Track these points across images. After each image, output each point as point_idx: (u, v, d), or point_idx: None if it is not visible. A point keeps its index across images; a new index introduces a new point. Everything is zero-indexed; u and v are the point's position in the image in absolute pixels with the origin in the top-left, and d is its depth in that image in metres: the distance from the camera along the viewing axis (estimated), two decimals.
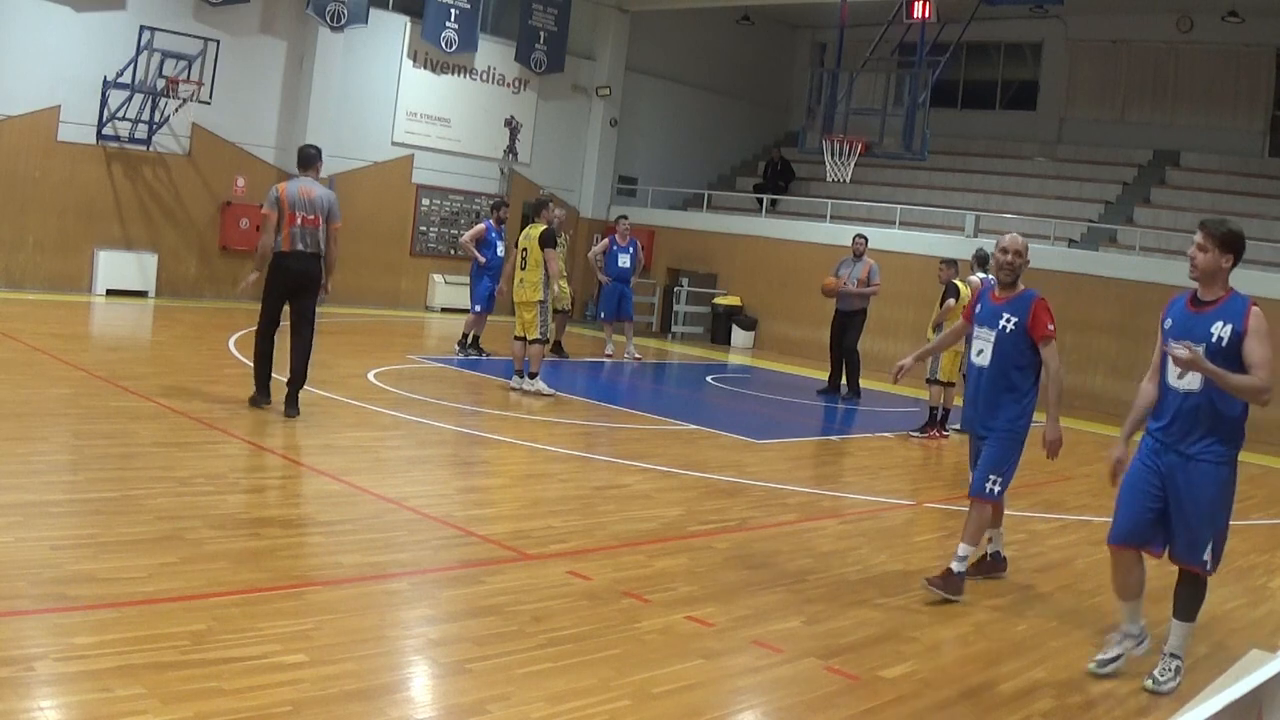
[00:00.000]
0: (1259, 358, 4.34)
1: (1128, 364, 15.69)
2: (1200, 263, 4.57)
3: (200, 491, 6.08)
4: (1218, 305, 4.53)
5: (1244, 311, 4.44)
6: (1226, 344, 4.41)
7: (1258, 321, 4.41)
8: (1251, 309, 4.44)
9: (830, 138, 16.61)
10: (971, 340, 5.85)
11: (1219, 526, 4.55)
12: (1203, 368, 4.33)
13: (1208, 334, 4.44)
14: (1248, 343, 4.37)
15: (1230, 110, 19.05)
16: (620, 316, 15.44)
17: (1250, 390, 4.35)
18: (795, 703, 4.14)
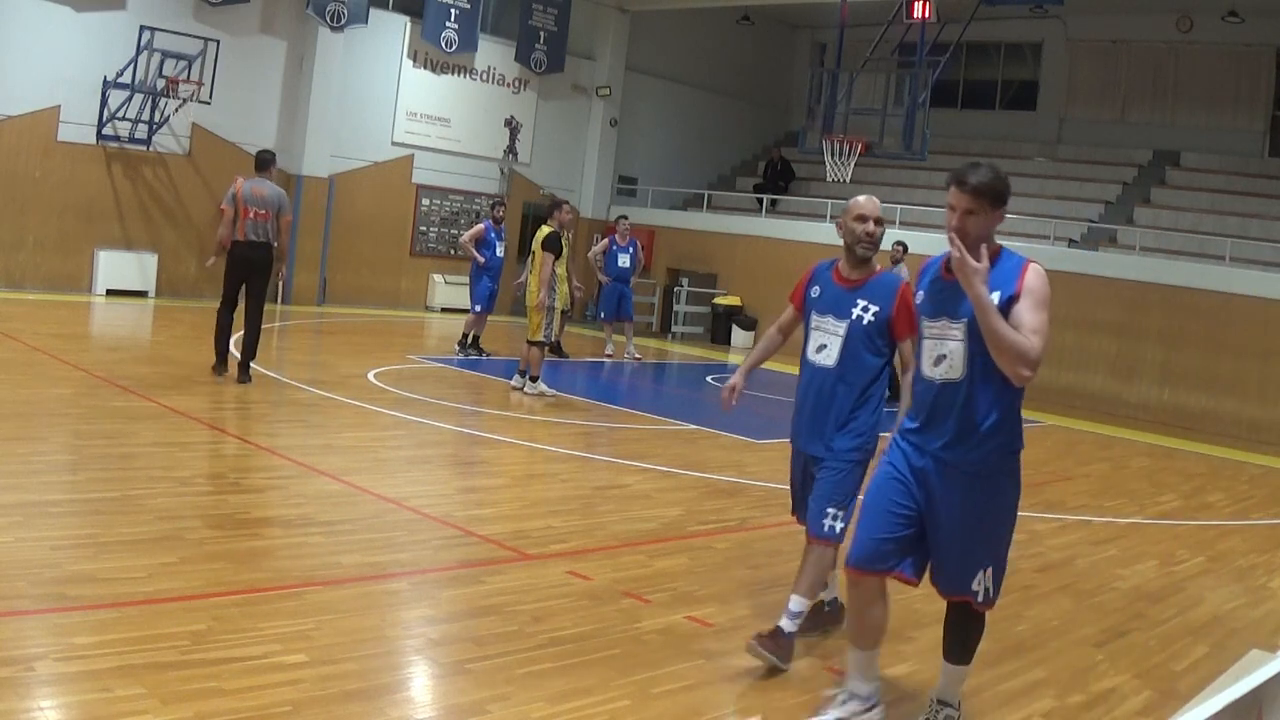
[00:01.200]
0: (1033, 324, 3.42)
1: (1128, 364, 15.70)
2: (972, 228, 3.52)
3: (200, 491, 6.09)
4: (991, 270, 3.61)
5: (1018, 272, 3.51)
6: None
7: (1036, 280, 3.49)
8: (1029, 267, 3.53)
9: (830, 138, 16.61)
10: (809, 333, 4.62)
11: (996, 548, 3.62)
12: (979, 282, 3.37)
13: (969, 307, 3.47)
14: (1020, 306, 3.44)
15: (1230, 110, 19.05)
16: (620, 316, 15.44)
17: (1017, 348, 3.34)
18: (795, 703, 4.14)
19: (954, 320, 3.56)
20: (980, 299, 3.37)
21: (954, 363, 3.54)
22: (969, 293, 3.40)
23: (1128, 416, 15.26)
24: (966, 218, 3.53)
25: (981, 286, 3.38)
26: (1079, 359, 16.07)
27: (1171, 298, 15.27)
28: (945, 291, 3.59)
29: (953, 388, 3.54)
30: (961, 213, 3.55)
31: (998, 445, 3.53)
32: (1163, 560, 7.05)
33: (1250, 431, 14.30)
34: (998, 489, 3.58)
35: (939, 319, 3.61)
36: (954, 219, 3.56)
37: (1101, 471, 10.64)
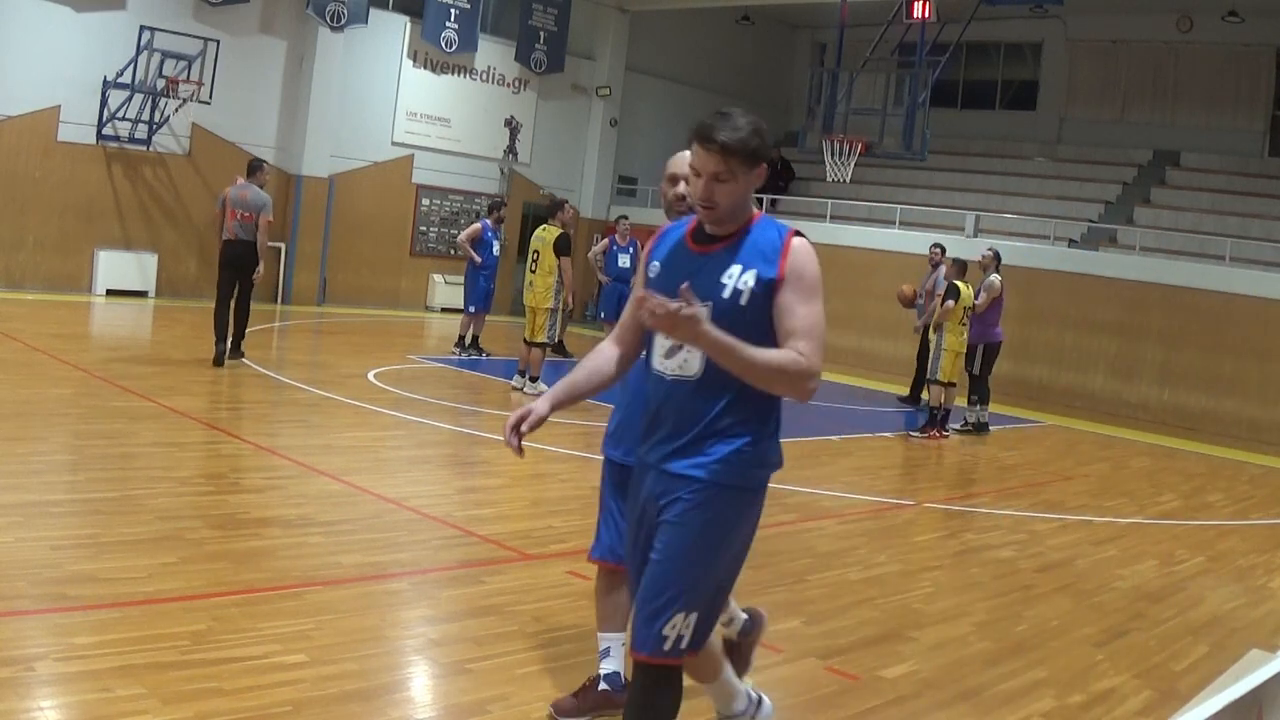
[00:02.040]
0: (802, 322, 2.72)
1: (1127, 364, 15.70)
2: (724, 198, 2.78)
3: (200, 491, 6.09)
4: (735, 240, 2.85)
5: (780, 248, 2.80)
6: (748, 302, 2.75)
7: (803, 260, 2.81)
8: (793, 241, 2.83)
9: (830, 138, 16.61)
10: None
11: (700, 586, 2.76)
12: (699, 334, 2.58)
13: (716, 285, 2.76)
14: (784, 297, 2.75)
15: (1230, 110, 19.04)
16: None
17: (785, 374, 2.66)
18: (795, 703, 4.14)
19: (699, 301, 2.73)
20: (715, 345, 2.60)
21: (690, 355, 2.75)
22: (695, 345, 2.65)
23: (1128, 416, 15.25)
24: (715, 185, 2.74)
25: (708, 333, 2.57)
26: (1079, 359, 16.07)
27: (1171, 298, 15.27)
28: (689, 262, 2.84)
29: (687, 386, 2.76)
30: (708, 179, 2.74)
31: (739, 458, 2.76)
32: (1163, 560, 7.05)
33: (1250, 431, 14.30)
34: (728, 512, 2.77)
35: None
36: (699, 187, 2.76)
37: (1101, 471, 10.65)
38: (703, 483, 2.74)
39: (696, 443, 2.76)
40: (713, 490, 2.74)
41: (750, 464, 2.78)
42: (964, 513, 8.08)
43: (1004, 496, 8.85)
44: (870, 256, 18.23)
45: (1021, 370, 15.93)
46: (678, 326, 2.57)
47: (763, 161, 2.80)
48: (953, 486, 9.42)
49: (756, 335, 2.70)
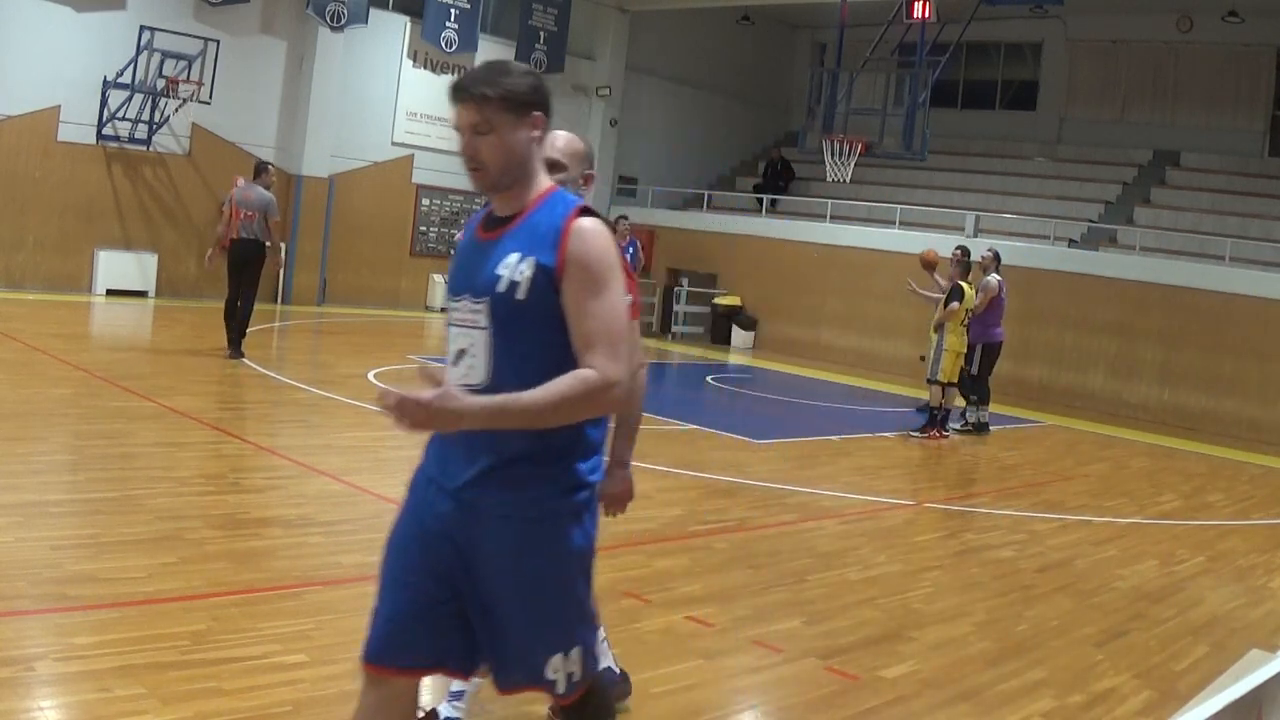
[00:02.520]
0: (593, 324, 2.32)
1: (1128, 364, 15.70)
2: (490, 153, 2.42)
3: (200, 491, 6.08)
4: (518, 221, 2.43)
5: (559, 230, 2.36)
6: (528, 295, 2.34)
7: (590, 244, 2.35)
8: (575, 223, 2.36)
9: (830, 138, 16.62)
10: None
11: (569, 619, 2.48)
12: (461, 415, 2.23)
13: (492, 278, 2.37)
14: (568, 293, 2.33)
15: (1230, 110, 19.05)
16: None
17: (579, 401, 2.28)
18: (795, 703, 4.14)
19: (476, 298, 2.40)
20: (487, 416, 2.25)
21: (476, 362, 2.40)
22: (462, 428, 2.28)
23: (1128, 416, 15.25)
24: (476, 140, 2.42)
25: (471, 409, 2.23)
26: (1079, 359, 16.08)
27: (1171, 298, 15.27)
28: (475, 253, 2.46)
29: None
30: (468, 133, 2.43)
31: (549, 480, 2.38)
32: (1163, 560, 7.05)
33: (1250, 431, 14.30)
34: (556, 539, 2.41)
35: (462, 295, 2.45)
36: (462, 142, 2.46)
37: (1101, 471, 10.65)
38: (519, 522, 2.37)
39: (499, 470, 2.36)
40: (532, 528, 2.37)
41: (566, 487, 2.40)
42: (964, 513, 8.08)
43: (1004, 496, 8.85)
44: (870, 256, 18.24)
45: (1021, 370, 15.93)
46: (432, 420, 2.24)
47: (531, 110, 2.40)
48: (953, 486, 9.42)
49: (544, 332, 2.35)
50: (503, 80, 2.37)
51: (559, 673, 2.47)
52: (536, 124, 2.42)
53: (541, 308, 2.34)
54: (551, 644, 2.46)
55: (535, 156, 2.45)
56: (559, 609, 2.46)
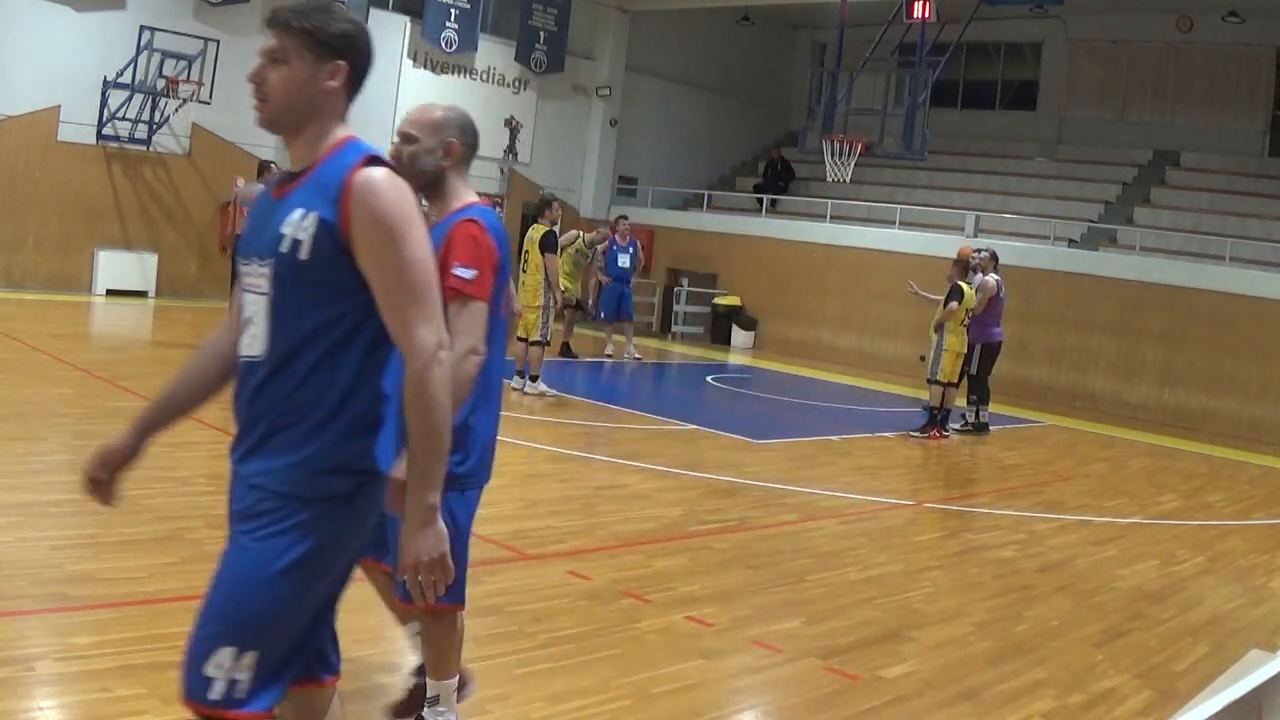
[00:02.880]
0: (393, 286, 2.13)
1: (1127, 364, 15.70)
2: (278, 85, 2.19)
3: (200, 491, 6.09)
4: (307, 176, 2.22)
5: (345, 177, 2.15)
6: (311, 255, 2.13)
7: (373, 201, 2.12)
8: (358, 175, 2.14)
9: (830, 138, 16.62)
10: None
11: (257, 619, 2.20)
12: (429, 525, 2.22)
13: (276, 238, 2.17)
14: (363, 257, 2.13)
15: (1230, 110, 19.05)
16: (620, 316, 15.47)
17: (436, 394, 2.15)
18: (795, 703, 4.14)
19: (261, 260, 2.21)
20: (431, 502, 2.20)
21: (258, 331, 2.23)
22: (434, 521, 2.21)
23: (1128, 416, 15.25)
24: (268, 68, 2.20)
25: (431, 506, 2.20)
26: (1079, 359, 16.08)
27: (1171, 298, 15.27)
28: (264, 212, 2.26)
29: (258, 370, 2.23)
30: (264, 59, 2.21)
31: (307, 459, 2.18)
32: (1163, 560, 7.05)
33: (1250, 431, 14.30)
34: (295, 531, 2.18)
35: (250, 258, 2.26)
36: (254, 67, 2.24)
37: (1101, 471, 10.65)
38: (267, 494, 2.19)
39: (265, 440, 2.21)
40: (277, 503, 2.18)
41: (324, 468, 2.18)
42: (964, 513, 8.08)
43: (1004, 496, 8.85)
44: (870, 256, 18.24)
45: (1021, 370, 15.94)
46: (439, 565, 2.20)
47: (335, 58, 2.20)
48: (953, 486, 9.42)
49: (330, 303, 2.15)
50: (315, 16, 2.20)
51: (220, 671, 2.15)
52: (336, 73, 2.21)
53: (326, 270, 2.13)
54: (218, 635, 2.18)
55: (328, 107, 2.23)
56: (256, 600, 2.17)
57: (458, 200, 3.14)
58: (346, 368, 2.19)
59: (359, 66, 2.25)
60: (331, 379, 2.18)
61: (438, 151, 3.10)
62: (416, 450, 2.16)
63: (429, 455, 2.16)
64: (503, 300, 3.18)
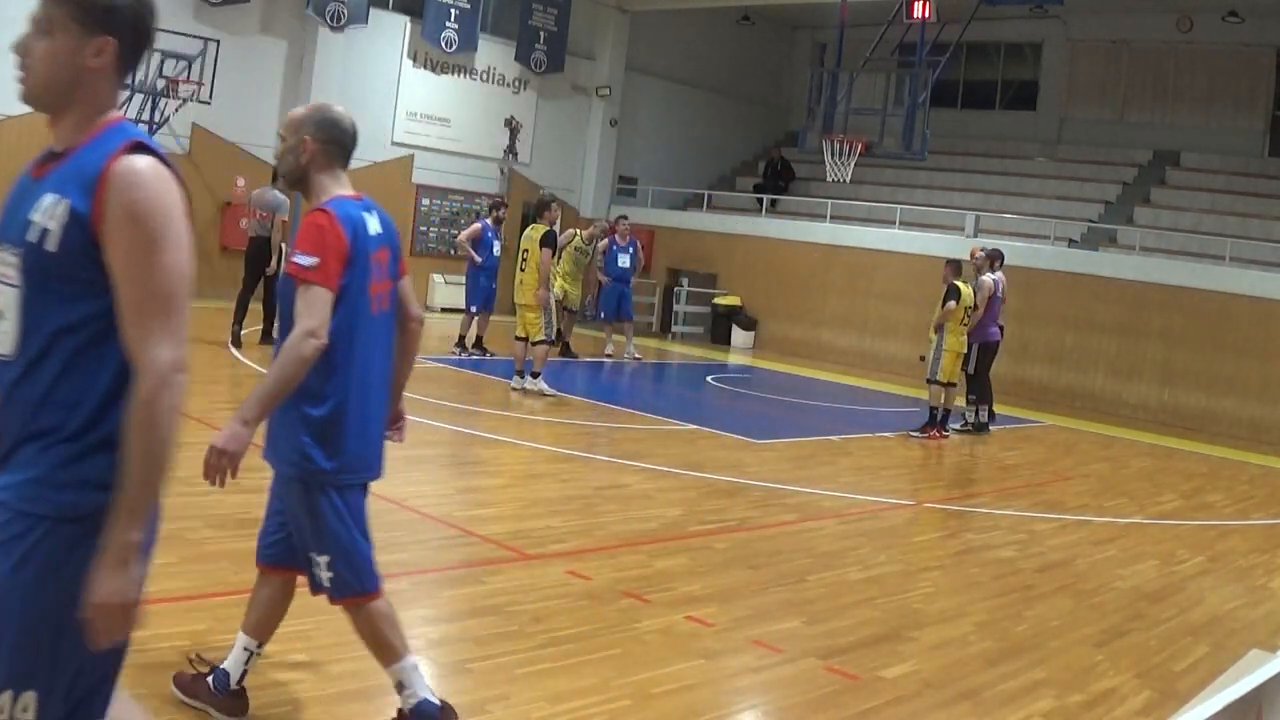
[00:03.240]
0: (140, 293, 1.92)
1: (1128, 364, 15.70)
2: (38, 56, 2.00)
3: (200, 491, 6.03)
4: (67, 158, 2.03)
5: (103, 165, 1.95)
6: (59, 247, 1.93)
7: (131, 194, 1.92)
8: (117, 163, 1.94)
9: (830, 138, 16.62)
10: None
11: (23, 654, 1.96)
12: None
13: (25, 224, 1.97)
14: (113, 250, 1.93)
15: (1230, 110, 19.05)
16: (620, 316, 15.47)
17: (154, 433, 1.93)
18: (795, 703, 4.14)
19: (13, 247, 1.98)
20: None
21: (7, 327, 1.98)
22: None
23: (1128, 416, 15.25)
24: (32, 38, 2.00)
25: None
26: (1079, 359, 16.08)
27: (1171, 298, 15.27)
28: (20, 195, 2.05)
29: (6, 369, 1.99)
30: (31, 26, 2.01)
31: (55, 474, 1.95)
32: (1163, 560, 7.06)
33: (1250, 431, 14.30)
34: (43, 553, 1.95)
35: (2, 245, 2.01)
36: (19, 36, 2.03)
37: (1101, 471, 10.65)
38: (10, 512, 1.94)
39: (15, 450, 1.98)
40: (20, 522, 1.93)
41: (72, 482, 1.96)
42: (964, 513, 8.08)
43: (1004, 496, 8.85)
44: (870, 256, 18.24)
45: (1021, 370, 15.94)
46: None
47: (102, 32, 1.98)
48: (953, 486, 9.42)
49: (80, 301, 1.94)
50: None
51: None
52: (103, 49, 1.99)
53: (75, 265, 1.93)
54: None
55: (96, 86, 2.01)
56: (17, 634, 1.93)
57: (324, 196, 3.20)
58: (101, 375, 1.96)
59: (132, 43, 2.03)
60: (84, 386, 1.95)
61: (297, 149, 3.20)
62: (130, 478, 1.93)
63: (142, 486, 1.95)
64: (385, 296, 3.25)
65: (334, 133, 3.24)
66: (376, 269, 3.21)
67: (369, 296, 3.19)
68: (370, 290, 3.19)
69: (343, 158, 3.28)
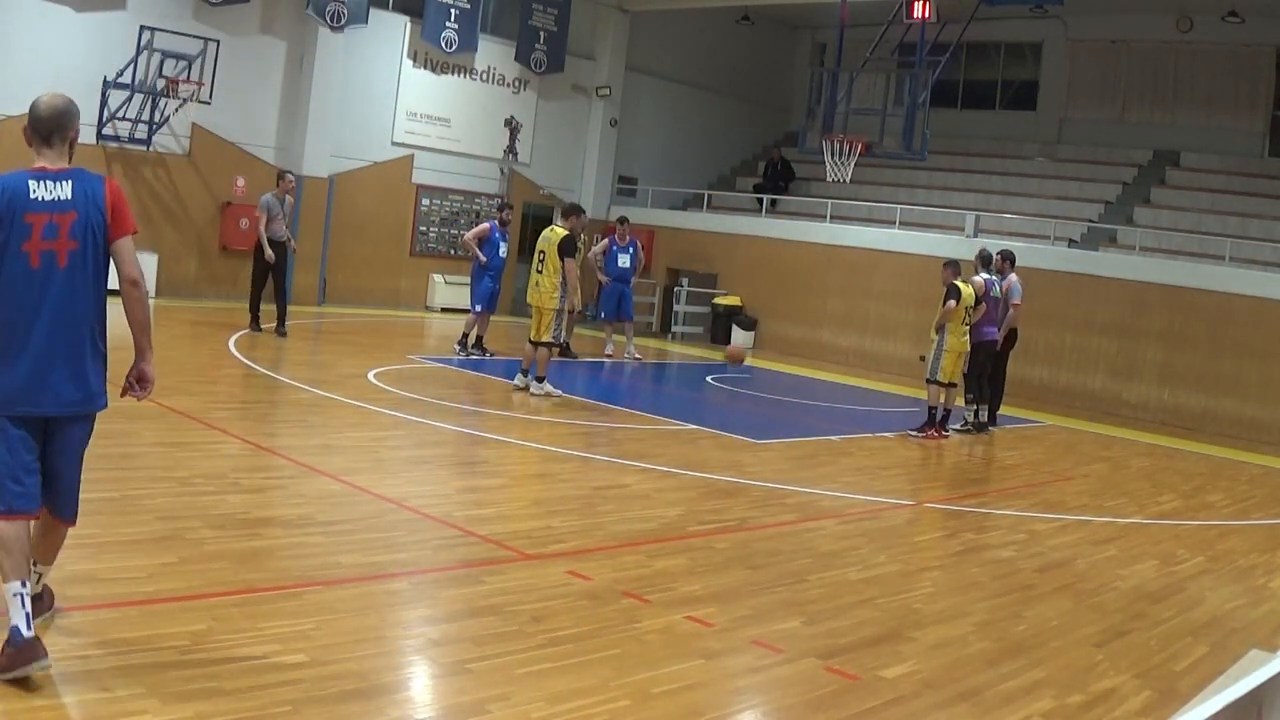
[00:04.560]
0: None
1: (1128, 364, 15.70)
2: None
3: (200, 491, 6.08)
4: None
5: None
6: None
7: None
8: None
9: (830, 138, 16.61)
10: None
11: None
12: None
13: None
14: None
15: (1230, 110, 19.05)
16: (620, 316, 15.47)
17: None
18: (795, 703, 4.14)
19: None
20: None
21: None
22: None
23: (1128, 416, 15.25)
24: None
25: None
26: (1079, 359, 16.07)
27: (1171, 298, 15.27)
28: None
29: None
30: None
31: None
32: (1163, 560, 7.06)
33: (1250, 431, 14.30)
34: None
35: None
36: None
37: (1101, 471, 10.65)
38: None
39: None
40: None
41: None
42: (964, 513, 8.08)
43: (1004, 496, 8.85)
44: (870, 256, 18.25)
45: (1021, 370, 15.91)
46: None
47: None
48: (953, 486, 9.42)
49: None
50: None
51: None
52: None
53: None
54: None
55: None
56: None
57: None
58: None
59: None
60: None
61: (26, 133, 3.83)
62: None
63: None
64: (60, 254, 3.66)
65: (30, 117, 3.94)
66: (47, 229, 3.66)
67: (23, 253, 3.61)
68: (25, 248, 3.63)
69: (39, 137, 3.93)
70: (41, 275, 3.61)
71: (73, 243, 3.66)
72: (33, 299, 3.62)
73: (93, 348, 3.85)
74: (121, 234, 3.78)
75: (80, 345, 3.78)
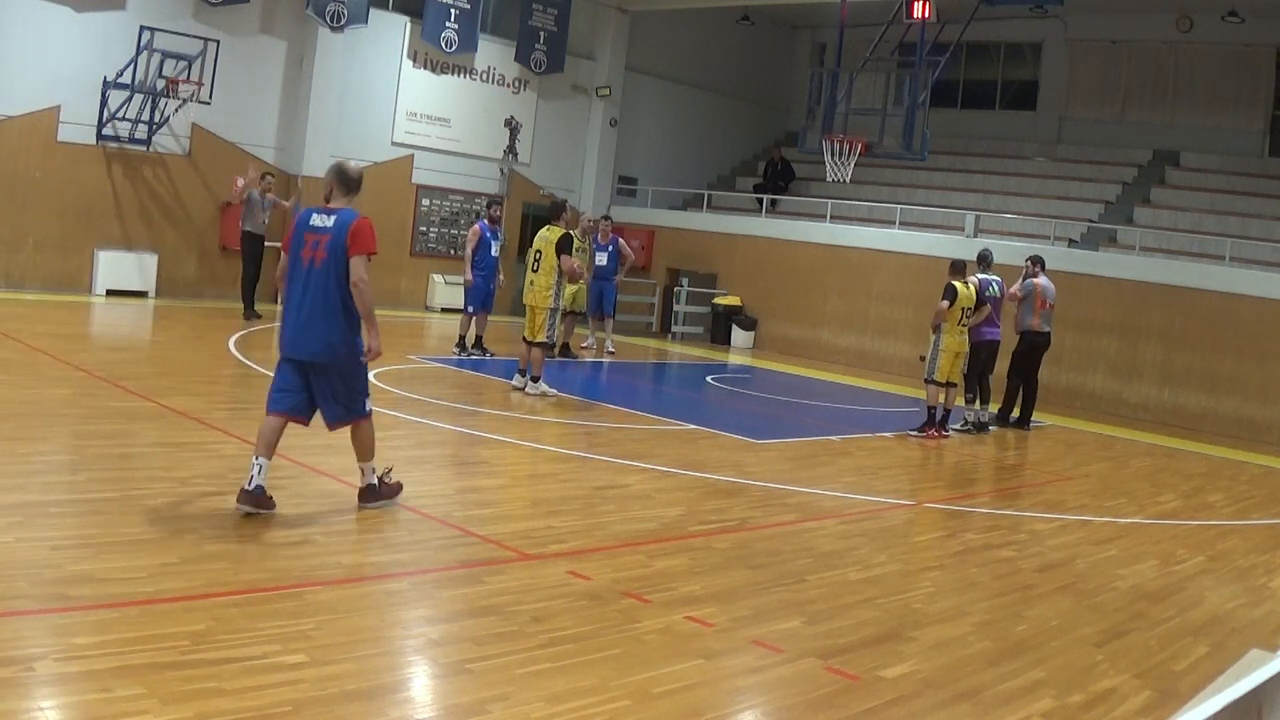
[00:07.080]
0: None
1: (1128, 364, 15.70)
2: None
3: (200, 491, 6.08)
4: None
5: None
6: None
7: None
8: None
9: (830, 138, 16.61)
10: None
11: None
12: None
13: None
14: None
15: (1230, 110, 19.05)
16: (601, 312, 15.69)
17: None
18: (795, 703, 4.14)
19: None
20: None
21: None
22: None
23: (1128, 416, 15.25)
24: None
25: None
26: (1079, 359, 16.07)
27: (1171, 298, 15.27)
28: None
29: None
30: None
31: None
32: (1163, 560, 7.06)
33: (1250, 431, 14.30)
34: None
35: None
36: None
37: (1101, 471, 10.65)
38: None
39: None
40: None
41: None
42: (964, 513, 8.08)
43: (1004, 496, 8.84)
44: (870, 256, 18.25)
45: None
46: None
47: None
48: (953, 486, 9.42)
49: None
50: None
51: None
52: None
53: None
54: None
55: None
56: None
57: None
58: None
59: None
60: None
61: None
62: None
63: None
64: None
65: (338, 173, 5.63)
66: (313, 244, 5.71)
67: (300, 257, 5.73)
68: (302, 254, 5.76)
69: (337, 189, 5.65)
70: (306, 270, 5.69)
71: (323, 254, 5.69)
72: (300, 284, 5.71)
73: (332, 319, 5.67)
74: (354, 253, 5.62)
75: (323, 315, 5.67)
